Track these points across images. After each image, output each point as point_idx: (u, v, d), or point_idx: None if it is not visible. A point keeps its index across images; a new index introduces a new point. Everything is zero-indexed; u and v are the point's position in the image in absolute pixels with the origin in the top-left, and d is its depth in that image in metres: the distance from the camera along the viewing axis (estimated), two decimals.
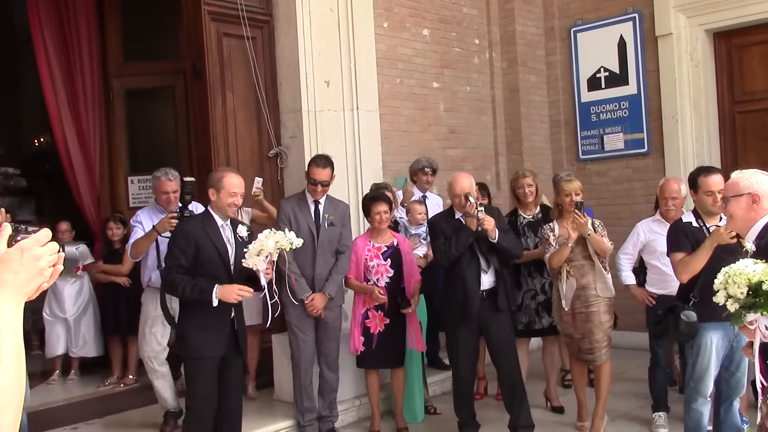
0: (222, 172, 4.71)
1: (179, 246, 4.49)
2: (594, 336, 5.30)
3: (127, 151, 7.62)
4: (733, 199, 3.48)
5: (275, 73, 6.88)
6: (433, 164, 6.86)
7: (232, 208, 4.58)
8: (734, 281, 3.02)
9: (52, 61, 7.20)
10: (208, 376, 4.47)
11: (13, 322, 1.54)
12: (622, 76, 8.37)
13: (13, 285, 1.56)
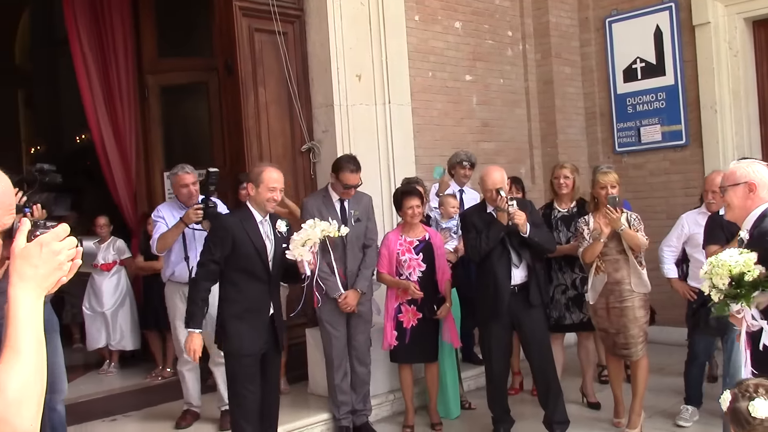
0: (261, 166, 4.67)
1: (215, 241, 4.44)
2: (629, 331, 5.22)
3: (162, 147, 7.68)
4: (730, 188, 3.47)
5: (307, 67, 6.89)
6: (472, 158, 6.80)
7: (271, 203, 4.50)
8: (717, 272, 3.06)
9: (88, 59, 7.29)
10: (250, 373, 4.42)
11: (34, 315, 1.57)
12: (658, 67, 8.21)
13: (32, 279, 1.58)
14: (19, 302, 1.55)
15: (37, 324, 1.56)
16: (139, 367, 7.22)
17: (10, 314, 1.54)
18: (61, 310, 7.93)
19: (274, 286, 4.55)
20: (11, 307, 1.54)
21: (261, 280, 4.43)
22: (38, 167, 3.25)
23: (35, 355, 1.54)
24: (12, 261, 1.59)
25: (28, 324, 1.55)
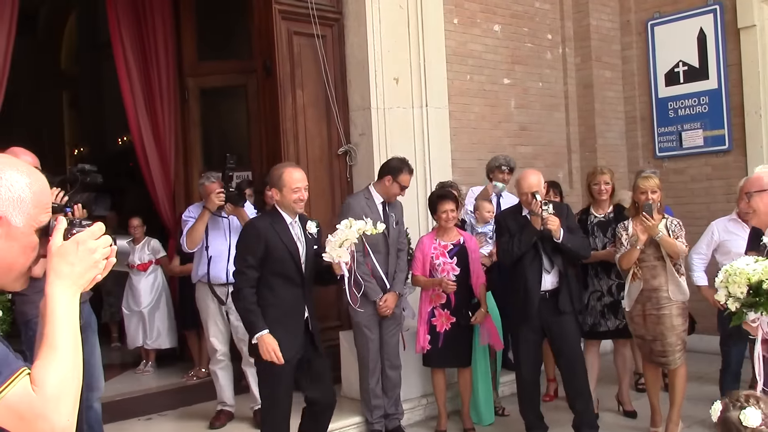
0: (280, 168, 4.50)
1: (248, 246, 4.35)
2: (666, 339, 5.13)
3: (201, 148, 7.76)
4: (756, 194, 3.46)
5: (345, 70, 6.91)
6: (510, 162, 6.72)
7: (299, 204, 4.37)
8: (734, 280, 3.03)
9: (129, 62, 7.40)
10: (282, 378, 4.31)
11: (70, 312, 1.59)
12: (701, 71, 8.07)
13: (69, 276, 1.62)
14: (56, 299, 1.58)
15: (73, 321, 1.59)
16: (176, 367, 7.30)
17: (47, 311, 1.57)
18: (100, 309, 8.07)
19: (307, 289, 4.47)
20: (48, 305, 1.58)
21: (295, 283, 4.36)
22: (79, 167, 3.31)
23: (72, 351, 1.57)
24: (49, 259, 1.62)
25: (65, 321, 1.58)
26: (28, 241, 1.63)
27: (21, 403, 1.47)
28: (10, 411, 1.46)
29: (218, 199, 5.42)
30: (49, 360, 1.53)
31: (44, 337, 1.56)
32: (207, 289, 5.62)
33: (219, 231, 5.64)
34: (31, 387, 1.49)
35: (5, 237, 1.58)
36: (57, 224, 1.65)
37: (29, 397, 1.48)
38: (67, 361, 1.54)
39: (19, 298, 4.14)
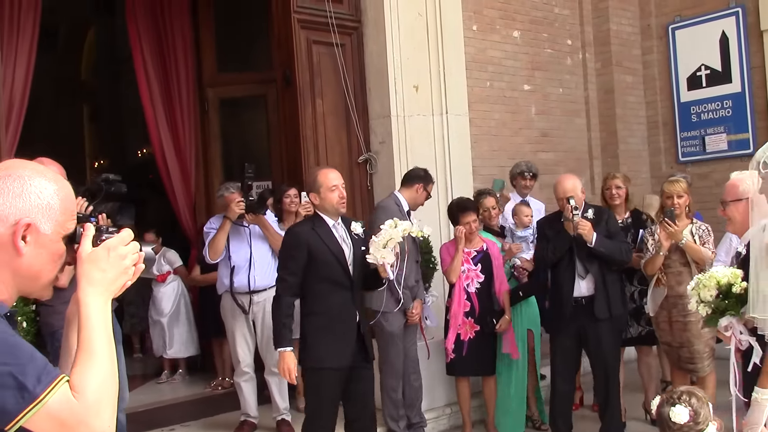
0: (314, 171, 4.42)
1: (289, 253, 4.22)
2: (693, 346, 5.08)
3: (221, 159, 7.78)
4: (732, 203, 3.46)
5: (364, 79, 6.89)
6: (532, 168, 6.69)
7: (342, 202, 4.22)
8: (704, 285, 3.10)
9: (150, 74, 7.45)
10: (328, 388, 4.12)
11: (105, 318, 1.60)
12: (724, 74, 7.99)
13: (101, 283, 1.61)
14: (90, 306, 1.58)
15: (108, 327, 1.60)
16: (199, 377, 7.29)
17: (82, 318, 1.57)
18: (121, 320, 8.09)
19: (357, 292, 4.30)
20: (83, 311, 1.58)
21: (343, 286, 4.18)
22: (104, 177, 3.31)
23: (109, 357, 1.57)
24: (79, 265, 1.62)
25: (100, 327, 1.58)
26: (56, 249, 1.62)
27: (62, 410, 1.46)
28: (51, 418, 1.45)
29: (238, 208, 5.41)
30: (88, 366, 1.53)
31: (80, 343, 1.56)
32: (231, 299, 5.60)
33: (241, 240, 5.63)
34: (72, 393, 1.48)
35: (34, 244, 1.57)
36: (85, 231, 1.65)
37: (70, 404, 1.47)
38: (105, 367, 1.54)
39: (44, 309, 4.14)
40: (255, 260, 5.58)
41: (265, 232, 5.62)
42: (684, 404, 2.59)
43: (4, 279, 1.58)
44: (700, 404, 2.61)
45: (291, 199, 6.04)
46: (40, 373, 1.46)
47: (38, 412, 1.43)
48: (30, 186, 1.58)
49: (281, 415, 5.64)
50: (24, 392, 1.43)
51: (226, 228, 5.50)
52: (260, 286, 5.58)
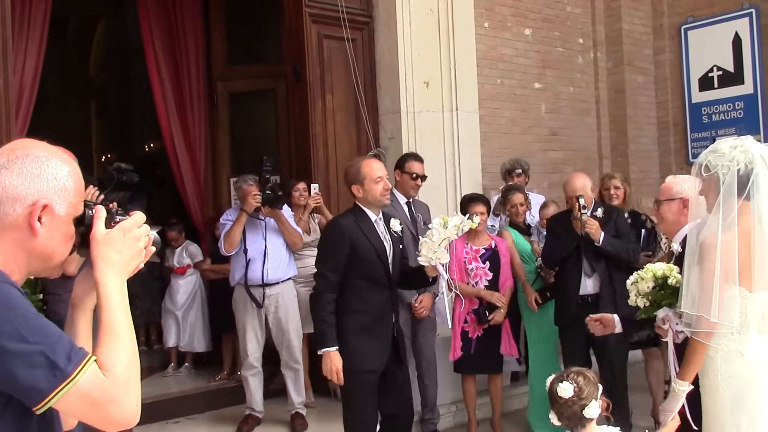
0: (356, 163, 4.21)
1: (331, 248, 4.04)
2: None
3: (229, 152, 7.76)
4: (665, 202, 3.61)
5: (374, 74, 6.87)
6: (523, 165, 6.63)
7: (386, 195, 4.07)
8: (642, 278, 3.25)
9: (161, 67, 7.43)
10: (368, 391, 4.00)
11: (124, 298, 1.62)
12: (737, 75, 7.94)
13: (118, 263, 1.63)
14: (109, 286, 1.59)
15: (127, 307, 1.61)
16: (207, 371, 7.28)
17: (102, 298, 1.58)
18: None
19: (395, 291, 4.20)
20: (102, 292, 1.59)
21: (383, 285, 4.03)
22: (116, 166, 3.29)
23: (131, 336, 1.58)
24: (95, 247, 1.63)
25: (121, 306, 1.59)
26: (68, 230, 1.63)
27: (93, 388, 1.46)
28: (82, 397, 1.45)
29: (255, 201, 5.42)
30: (113, 345, 1.53)
31: (102, 324, 1.56)
32: (245, 291, 5.60)
33: (257, 233, 5.63)
34: (102, 372, 1.49)
35: (49, 225, 1.58)
36: (97, 213, 1.67)
37: (102, 382, 1.48)
38: (129, 346, 1.56)
39: (51, 297, 4.13)
40: (269, 253, 5.59)
41: (281, 226, 5.62)
42: (571, 381, 2.87)
43: (17, 259, 1.58)
44: (585, 382, 2.88)
45: (300, 192, 6.05)
46: (70, 351, 1.46)
47: (70, 391, 1.43)
48: (47, 167, 1.59)
49: (296, 408, 5.66)
50: (56, 371, 1.42)
51: (242, 220, 5.51)
52: (273, 279, 5.60)
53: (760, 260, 2.89)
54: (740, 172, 2.91)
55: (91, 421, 1.51)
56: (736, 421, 2.93)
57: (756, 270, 2.90)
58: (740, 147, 2.94)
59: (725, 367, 2.96)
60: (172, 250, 7.56)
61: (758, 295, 2.92)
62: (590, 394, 2.87)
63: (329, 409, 5.99)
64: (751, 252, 2.89)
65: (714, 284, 2.88)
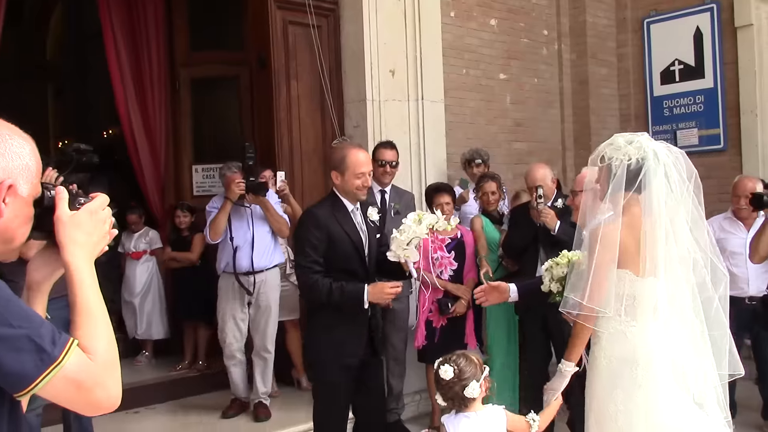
0: (344, 149, 4.06)
1: (312, 240, 3.83)
2: None
3: (192, 140, 7.64)
4: (579, 193, 3.73)
5: (340, 62, 6.80)
6: (483, 155, 6.63)
7: (362, 191, 3.93)
8: (557, 263, 3.42)
9: (120, 51, 7.25)
10: (340, 390, 3.89)
11: (95, 280, 1.58)
12: (697, 69, 8.04)
13: (86, 245, 1.60)
14: (81, 268, 1.56)
15: (99, 289, 1.57)
16: (171, 359, 7.18)
17: (74, 281, 1.54)
18: None
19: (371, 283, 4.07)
20: (74, 274, 1.55)
21: (359, 277, 3.90)
22: (75, 147, 3.20)
23: (107, 318, 1.55)
24: (61, 229, 1.59)
25: (94, 288, 1.56)
26: (29, 211, 1.58)
27: (79, 371, 1.43)
28: (68, 380, 1.43)
29: (238, 188, 5.41)
30: (92, 327, 1.51)
31: (77, 307, 1.52)
32: (231, 280, 5.60)
33: (242, 221, 5.63)
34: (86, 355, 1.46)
35: (12, 206, 1.52)
36: (60, 194, 1.62)
37: (87, 365, 1.45)
38: (107, 327, 1.54)
39: (11, 285, 4.01)
40: (256, 241, 5.59)
41: (267, 213, 5.61)
42: (452, 364, 3.07)
43: None
44: (466, 364, 3.08)
45: (266, 179, 5.99)
46: (53, 335, 1.43)
47: (56, 375, 1.40)
48: (11, 145, 1.53)
49: (260, 398, 5.66)
50: (42, 354, 1.40)
51: (227, 209, 5.51)
52: (260, 266, 5.62)
53: (649, 248, 3.05)
54: (631, 167, 3.07)
55: (75, 405, 1.49)
56: (613, 397, 3.09)
57: (644, 257, 3.06)
58: (635, 143, 3.11)
59: (608, 347, 3.14)
60: (130, 236, 7.44)
61: (647, 281, 3.06)
62: (471, 375, 3.05)
63: (292, 399, 5.99)
64: (639, 241, 3.06)
65: (591, 271, 3.06)
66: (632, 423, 3.05)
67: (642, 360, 3.06)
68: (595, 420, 3.20)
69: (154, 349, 7.43)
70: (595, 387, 3.20)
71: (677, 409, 3.03)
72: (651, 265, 3.07)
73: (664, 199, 3.07)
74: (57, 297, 1.89)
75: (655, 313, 3.09)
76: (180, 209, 7.02)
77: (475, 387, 3.03)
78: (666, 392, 3.04)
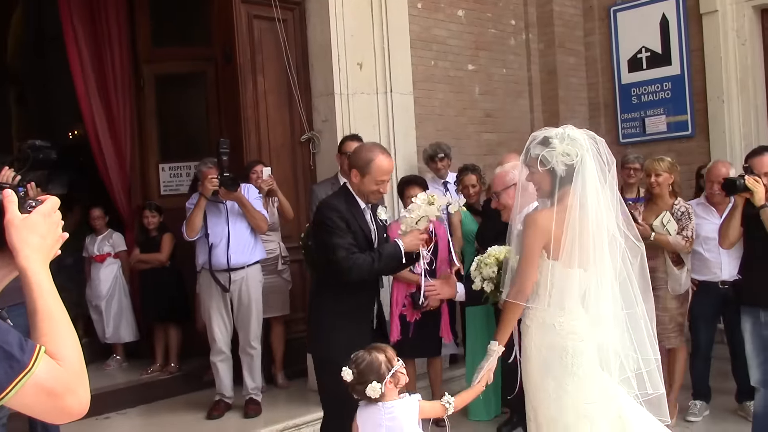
0: (372, 151, 3.89)
1: (339, 225, 3.75)
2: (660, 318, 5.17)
3: (158, 138, 7.50)
4: (503, 192, 3.92)
5: (307, 56, 6.72)
6: (445, 149, 6.60)
7: (376, 196, 3.89)
8: (486, 263, 3.47)
9: (82, 49, 7.06)
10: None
11: (53, 284, 1.51)
12: (664, 57, 8.07)
13: (41, 249, 1.53)
14: (37, 273, 1.49)
15: (57, 293, 1.50)
16: (141, 362, 7.06)
17: (33, 286, 1.47)
18: None
19: (379, 280, 4.09)
20: (33, 280, 1.48)
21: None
22: (30, 143, 3.06)
23: (69, 322, 1.49)
24: (13, 232, 1.52)
25: (53, 293, 1.49)
26: None
27: (49, 378, 1.38)
28: (39, 388, 1.37)
29: (211, 184, 5.35)
30: (57, 333, 1.44)
31: (38, 312, 1.45)
32: (209, 276, 5.54)
33: (219, 217, 5.57)
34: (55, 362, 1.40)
35: None
36: (8, 197, 1.55)
37: (57, 371, 1.39)
38: (71, 332, 1.48)
39: None
40: (232, 238, 5.51)
41: (243, 209, 5.55)
42: (352, 367, 3.12)
43: None
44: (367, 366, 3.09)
45: (258, 174, 5.95)
46: (21, 342, 1.37)
47: (27, 382, 1.34)
48: None
49: (250, 394, 5.62)
50: (12, 361, 1.34)
51: (202, 205, 5.46)
52: (238, 263, 5.54)
53: (571, 238, 3.14)
54: (569, 164, 3.17)
55: (45, 413, 1.43)
56: (545, 386, 3.22)
57: (568, 248, 3.14)
58: (568, 139, 3.20)
59: (538, 337, 3.25)
60: (93, 239, 7.28)
61: (575, 271, 3.16)
62: (374, 376, 3.07)
63: (272, 396, 5.95)
64: (568, 231, 3.14)
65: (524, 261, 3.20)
66: (562, 409, 3.16)
67: (571, 348, 3.16)
68: (532, 408, 3.33)
69: (125, 353, 7.28)
70: (530, 377, 3.31)
71: (604, 395, 3.15)
72: (581, 256, 3.15)
73: (596, 189, 3.17)
74: (15, 304, 1.84)
75: (583, 302, 3.19)
76: (148, 209, 6.89)
77: (376, 387, 3.05)
78: (594, 379, 3.15)
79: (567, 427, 3.17)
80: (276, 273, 6.10)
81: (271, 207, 6.11)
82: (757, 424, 4.57)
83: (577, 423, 3.15)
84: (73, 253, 7.26)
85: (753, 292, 4.53)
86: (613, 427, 3.13)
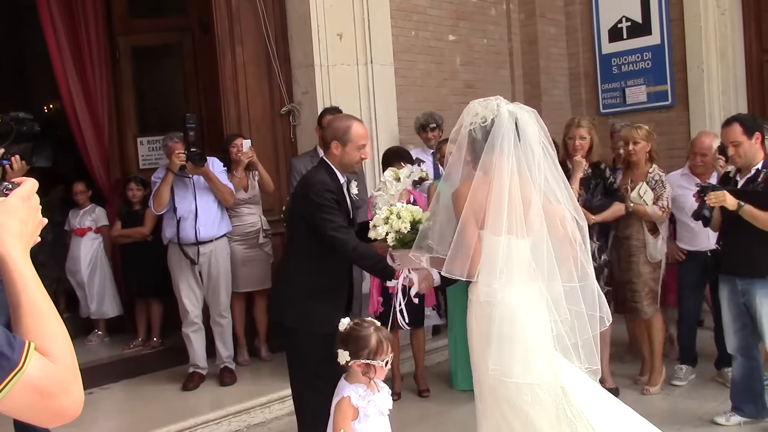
0: (345, 120, 3.87)
1: (332, 202, 3.68)
2: (634, 285, 5.31)
3: (135, 110, 7.41)
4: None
5: (286, 26, 6.64)
6: (436, 118, 6.60)
7: (359, 164, 3.87)
8: (401, 216, 3.43)
9: (56, 21, 6.92)
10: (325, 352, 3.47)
11: (35, 273, 1.40)
12: (644, 26, 8.05)
13: (23, 235, 1.42)
14: (19, 261, 1.37)
15: (40, 282, 1.39)
16: (123, 337, 7.03)
17: (15, 277, 1.36)
18: None
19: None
20: (14, 269, 1.36)
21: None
22: (13, 116, 2.98)
23: (56, 313, 1.38)
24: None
25: (37, 283, 1.37)
26: None
27: (42, 376, 1.27)
28: (31, 387, 1.26)
29: (178, 159, 5.36)
30: (45, 327, 1.33)
31: (22, 306, 1.34)
32: (178, 250, 5.58)
33: (186, 191, 5.59)
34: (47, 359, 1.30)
35: None
36: None
37: (50, 369, 1.28)
38: (59, 325, 1.36)
39: None
40: (200, 212, 5.55)
41: (210, 183, 5.56)
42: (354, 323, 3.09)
43: None
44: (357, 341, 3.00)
45: (238, 148, 5.91)
46: (10, 339, 1.26)
47: (19, 381, 1.24)
48: None
49: (224, 363, 5.70)
50: (2, 359, 1.23)
51: (169, 179, 5.47)
52: (206, 237, 5.60)
53: (495, 206, 3.15)
54: (487, 128, 3.19)
55: (36, 415, 1.31)
56: (485, 358, 3.19)
57: (491, 215, 3.16)
58: (489, 105, 3.24)
59: (479, 309, 3.26)
60: (76, 212, 7.22)
61: (514, 242, 3.15)
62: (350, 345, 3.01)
63: (256, 368, 5.95)
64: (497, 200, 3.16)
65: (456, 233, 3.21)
66: (504, 381, 3.14)
67: (508, 318, 3.16)
68: (476, 380, 3.34)
69: (106, 328, 7.24)
70: (474, 349, 3.33)
71: (546, 363, 3.13)
72: (498, 223, 3.15)
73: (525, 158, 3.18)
74: None
75: (520, 273, 3.19)
76: (133, 182, 6.82)
77: (344, 356, 2.99)
78: (534, 348, 3.14)
79: (509, 399, 3.16)
80: (257, 246, 6.08)
81: (252, 180, 6.07)
82: (734, 390, 4.65)
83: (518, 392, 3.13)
84: (55, 227, 7.20)
85: (730, 260, 4.57)
86: (556, 396, 3.10)
